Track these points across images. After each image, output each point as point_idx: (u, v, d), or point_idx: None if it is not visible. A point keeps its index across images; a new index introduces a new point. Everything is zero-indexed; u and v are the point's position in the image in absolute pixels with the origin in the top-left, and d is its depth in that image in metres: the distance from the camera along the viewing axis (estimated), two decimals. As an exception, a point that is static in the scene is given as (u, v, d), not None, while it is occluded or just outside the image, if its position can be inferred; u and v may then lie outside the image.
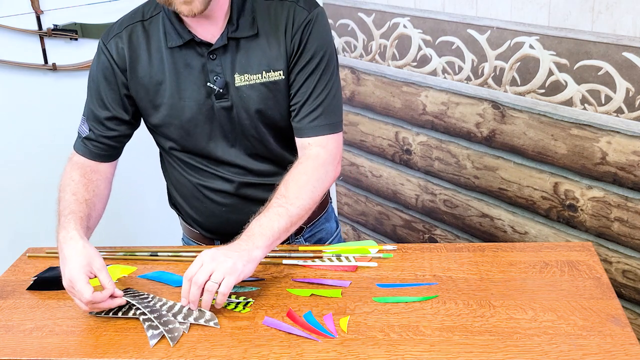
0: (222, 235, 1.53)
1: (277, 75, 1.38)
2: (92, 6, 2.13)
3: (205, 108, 1.39)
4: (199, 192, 1.51)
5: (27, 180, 2.17)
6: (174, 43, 1.37)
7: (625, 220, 1.76)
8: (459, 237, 2.26)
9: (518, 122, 1.93)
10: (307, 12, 1.38)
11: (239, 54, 1.37)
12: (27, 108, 2.13)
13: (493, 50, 1.94)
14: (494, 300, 1.23)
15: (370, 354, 1.11)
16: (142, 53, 1.40)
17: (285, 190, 1.35)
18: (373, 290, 1.29)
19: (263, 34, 1.37)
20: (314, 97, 1.40)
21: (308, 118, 1.40)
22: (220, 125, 1.41)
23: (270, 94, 1.39)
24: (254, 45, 1.37)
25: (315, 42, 1.38)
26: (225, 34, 1.36)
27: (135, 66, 1.40)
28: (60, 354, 1.17)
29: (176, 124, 1.42)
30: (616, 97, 1.68)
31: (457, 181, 2.19)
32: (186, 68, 1.38)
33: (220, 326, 1.21)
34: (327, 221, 1.62)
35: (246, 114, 1.40)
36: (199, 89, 1.38)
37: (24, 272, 1.44)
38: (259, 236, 1.28)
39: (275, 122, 1.42)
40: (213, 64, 1.37)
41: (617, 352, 1.08)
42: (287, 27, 1.37)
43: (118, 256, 1.48)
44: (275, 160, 1.47)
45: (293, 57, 1.38)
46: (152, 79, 1.40)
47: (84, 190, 1.42)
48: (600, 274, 1.29)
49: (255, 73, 1.37)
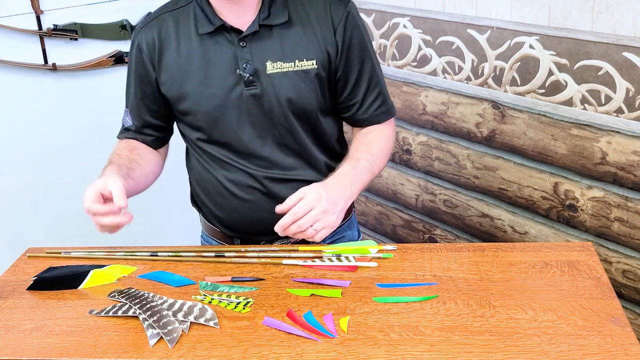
0: (243, 233, 1.53)
1: (310, 64, 1.39)
2: (92, 6, 2.13)
3: (233, 96, 1.39)
4: (222, 187, 1.50)
5: (27, 180, 2.18)
6: (205, 30, 1.38)
7: (625, 220, 1.76)
8: (459, 237, 2.26)
9: (518, 122, 1.93)
10: (344, 6, 1.41)
11: (271, 41, 1.38)
12: (27, 108, 2.13)
13: (493, 50, 1.94)
14: (494, 300, 1.23)
15: (370, 354, 1.11)
16: (171, 42, 1.41)
17: (368, 147, 1.43)
18: (373, 290, 1.29)
19: (297, 22, 1.39)
20: (372, 88, 1.46)
21: (373, 107, 1.46)
22: (249, 114, 1.41)
23: (302, 83, 1.39)
24: (288, 33, 1.38)
25: (359, 35, 1.42)
26: (257, 21, 1.37)
27: (164, 55, 1.41)
28: (60, 354, 1.17)
29: (203, 112, 1.41)
30: (616, 97, 1.68)
31: (457, 181, 2.19)
32: (216, 55, 1.38)
33: (220, 326, 1.21)
34: (349, 229, 1.61)
35: (277, 102, 1.39)
36: (228, 76, 1.38)
37: (24, 272, 1.44)
38: (355, 184, 1.36)
39: (306, 112, 1.42)
40: (243, 51, 1.37)
41: (617, 352, 1.08)
42: (325, 20, 1.39)
43: (118, 256, 1.48)
44: (302, 154, 1.47)
45: (339, 52, 1.40)
46: (180, 66, 1.40)
47: (128, 152, 1.49)
48: (600, 274, 1.29)
49: (288, 61, 1.38)
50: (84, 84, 2.19)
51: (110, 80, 2.23)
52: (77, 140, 2.23)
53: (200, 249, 1.46)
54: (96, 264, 1.45)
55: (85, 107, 2.22)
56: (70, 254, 1.50)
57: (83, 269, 1.42)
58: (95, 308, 1.29)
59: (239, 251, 1.44)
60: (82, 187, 2.26)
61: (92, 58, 2.17)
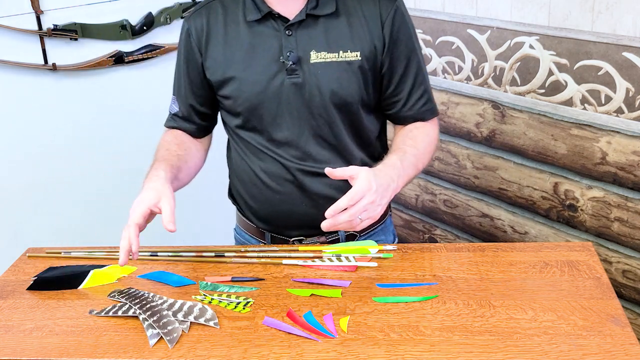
0: (274, 226, 1.53)
1: (354, 56, 1.39)
2: (92, 6, 2.13)
3: (275, 83, 1.40)
4: (256, 178, 1.50)
5: (27, 180, 2.17)
6: (252, 17, 1.40)
7: (625, 220, 1.76)
8: (459, 237, 2.26)
9: (518, 122, 1.93)
10: (393, 1, 1.41)
11: (317, 31, 1.39)
12: (27, 108, 2.13)
13: (493, 50, 1.94)
14: (494, 300, 1.23)
15: (370, 354, 1.11)
16: (219, 29, 1.43)
17: (414, 142, 1.42)
18: (373, 290, 1.29)
19: (344, 14, 1.39)
20: (418, 84, 1.46)
21: (418, 104, 1.46)
22: (288, 103, 1.41)
23: (344, 74, 1.39)
24: (334, 24, 1.39)
25: (407, 31, 1.43)
26: (304, 10, 1.38)
27: (211, 41, 1.43)
28: (60, 354, 1.17)
29: (244, 97, 1.42)
30: (616, 97, 1.68)
31: (457, 181, 2.19)
32: (261, 42, 1.40)
33: (220, 326, 1.21)
34: (383, 234, 1.59)
35: (318, 91, 1.40)
36: (271, 63, 1.39)
37: (24, 272, 1.44)
38: (402, 180, 1.35)
39: (346, 104, 1.42)
40: (288, 40, 1.38)
41: (617, 352, 1.08)
42: (374, 14, 1.39)
43: (118, 256, 1.47)
44: (338, 148, 1.46)
45: (386, 47, 1.41)
46: (226, 52, 1.42)
47: (177, 147, 1.50)
48: (600, 274, 1.29)
49: (334, 51, 1.38)
50: (84, 84, 2.19)
51: (110, 80, 2.23)
52: (77, 140, 2.23)
53: (200, 249, 1.46)
54: (96, 264, 1.45)
55: (85, 107, 2.22)
56: (70, 254, 1.50)
57: (83, 269, 1.42)
58: (95, 308, 1.29)
59: (238, 251, 1.44)
60: (82, 187, 2.27)
61: (92, 58, 2.17)
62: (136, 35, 2.21)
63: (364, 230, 1.51)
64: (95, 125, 2.25)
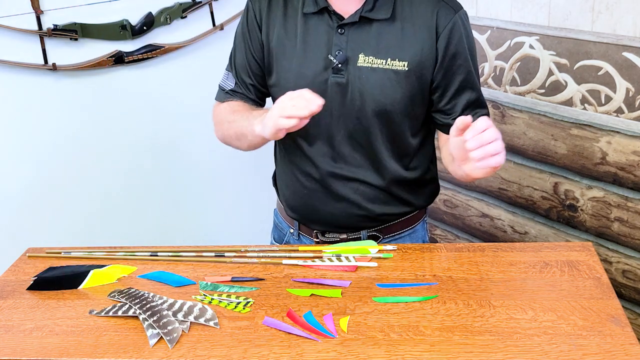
0: (300, 216, 1.53)
1: (402, 65, 1.36)
2: (92, 6, 2.13)
3: (319, 79, 1.39)
4: (288, 168, 1.51)
5: (27, 180, 2.17)
6: (309, 9, 1.39)
7: (625, 220, 1.76)
8: (459, 237, 2.26)
9: (518, 122, 1.93)
10: (453, 13, 1.36)
11: (369, 35, 1.37)
12: (27, 108, 2.13)
13: (493, 50, 1.94)
14: (494, 300, 1.23)
15: (370, 354, 1.11)
16: (279, 15, 1.43)
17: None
18: (373, 290, 1.29)
19: (399, 21, 1.36)
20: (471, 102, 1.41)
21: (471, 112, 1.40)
22: (330, 100, 1.39)
23: (389, 83, 1.37)
24: (387, 30, 1.36)
25: (464, 45, 1.38)
26: (359, 11, 1.36)
27: (270, 24, 1.43)
28: (60, 354, 1.17)
29: (288, 88, 1.39)
30: (616, 97, 1.68)
31: (457, 181, 2.19)
32: (314, 36, 1.39)
33: (220, 326, 1.21)
34: (411, 239, 1.57)
35: (359, 95, 1.38)
36: (320, 59, 1.39)
37: (24, 272, 1.44)
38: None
39: (386, 112, 1.39)
40: (340, 38, 1.37)
41: (617, 352, 1.08)
42: (430, 25, 1.36)
43: (118, 256, 1.48)
44: (370, 155, 1.44)
45: (439, 61, 1.37)
46: (280, 39, 1.42)
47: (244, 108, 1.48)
48: (600, 274, 1.29)
49: (382, 58, 1.36)
50: (84, 84, 2.19)
51: (110, 80, 2.23)
52: (77, 140, 2.23)
53: (200, 249, 1.46)
54: (96, 264, 1.44)
55: (85, 107, 2.22)
56: (70, 254, 1.50)
57: (83, 269, 1.42)
58: (95, 308, 1.29)
59: (238, 251, 1.44)
60: (82, 187, 2.27)
61: (92, 58, 2.16)
62: (136, 35, 2.21)
63: (388, 230, 1.51)
64: (95, 125, 2.25)
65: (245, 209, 2.50)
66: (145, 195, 2.39)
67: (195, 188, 2.44)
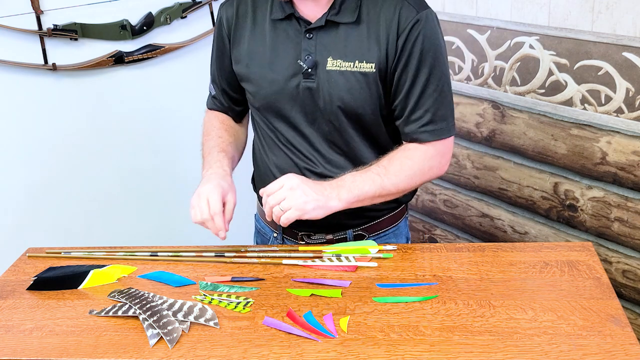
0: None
1: (369, 67, 1.36)
2: (92, 6, 2.13)
3: (291, 85, 1.40)
4: (269, 171, 1.51)
5: (27, 180, 2.17)
6: (277, 15, 1.40)
7: (625, 220, 1.76)
8: (459, 237, 2.26)
9: (518, 122, 1.93)
10: (415, 12, 1.34)
11: (336, 38, 1.37)
12: (27, 108, 2.13)
13: (493, 50, 1.94)
14: (494, 300, 1.23)
15: (370, 354, 1.11)
16: (247, 21, 1.44)
17: (387, 163, 1.38)
18: (373, 290, 1.29)
19: (364, 23, 1.36)
20: (421, 104, 1.38)
21: (416, 124, 1.39)
22: (303, 105, 1.41)
23: (357, 85, 1.37)
24: (353, 33, 1.37)
25: (423, 46, 1.34)
26: (325, 16, 1.36)
27: (239, 33, 1.45)
28: (60, 354, 1.17)
29: (262, 95, 1.44)
30: (616, 97, 1.68)
31: (457, 181, 2.19)
32: (283, 42, 1.40)
33: (220, 326, 1.21)
34: (395, 237, 1.57)
35: (330, 98, 1.39)
36: (290, 64, 1.39)
37: (24, 272, 1.44)
38: (346, 190, 1.33)
39: (358, 115, 1.40)
40: (307, 43, 1.38)
41: (617, 352, 1.08)
42: (392, 24, 1.35)
43: (118, 256, 1.48)
44: (349, 154, 1.45)
45: (397, 58, 1.36)
46: (250, 46, 1.43)
47: (227, 134, 1.54)
48: (600, 274, 1.29)
49: (349, 61, 1.37)
50: (84, 84, 2.19)
51: (110, 80, 2.23)
52: (77, 140, 2.23)
53: (200, 249, 1.46)
54: (96, 264, 1.44)
55: (85, 107, 2.22)
56: (70, 254, 1.50)
57: (83, 269, 1.42)
58: (95, 308, 1.29)
59: (238, 251, 1.44)
60: (82, 187, 2.27)
61: (92, 58, 2.16)
62: (136, 35, 2.21)
63: (374, 228, 1.51)
64: (95, 125, 2.25)
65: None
66: (145, 195, 2.39)
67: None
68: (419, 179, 1.41)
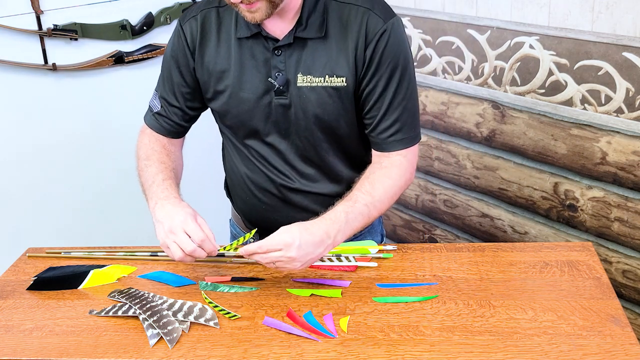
0: (263, 229, 1.51)
1: (340, 81, 1.35)
2: (92, 6, 2.13)
3: (263, 102, 1.39)
4: (244, 184, 1.51)
5: (27, 180, 2.17)
6: (243, 34, 1.38)
7: (625, 220, 1.76)
8: (459, 237, 2.26)
9: (518, 122, 1.93)
10: (382, 22, 1.33)
11: (304, 54, 1.36)
12: (27, 108, 2.13)
13: (493, 50, 1.94)
14: (494, 300, 1.23)
15: (370, 354, 1.11)
16: (212, 38, 1.41)
17: (371, 188, 1.36)
18: (373, 290, 1.29)
19: (332, 37, 1.35)
20: (390, 113, 1.37)
21: (385, 134, 1.38)
22: (276, 122, 1.40)
23: (330, 100, 1.36)
24: (321, 48, 1.35)
25: (390, 55, 1.34)
26: (292, 32, 1.35)
27: (203, 50, 1.42)
28: (60, 354, 1.17)
29: (233, 114, 1.42)
30: (616, 97, 1.68)
31: (457, 181, 2.19)
32: (251, 60, 1.38)
33: (220, 326, 1.21)
34: (370, 235, 1.57)
35: (303, 114, 1.38)
36: (260, 82, 1.38)
37: (24, 272, 1.45)
38: (342, 234, 1.29)
39: (332, 129, 1.40)
40: (277, 60, 1.36)
41: (617, 352, 1.08)
42: (360, 35, 1.33)
43: (118, 256, 1.48)
44: (324, 169, 1.45)
45: (365, 68, 1.35)
46: (217, 65, 1.41)
47: (168, 159, 1.48)
48: (600, 274, 1.29)
49: (319, 76, 1.36)
50: (84, 84, 2.19)
51: (110, 80, 2.23)
52: (77, 140, 2.23)
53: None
54: (96, 264, 1.45)
55: (85, 107, 2.22)
56: (70, 254, 1.50)
57: (83, 269, 1.42)
58: (95, 308, 1.29)
59: (239, 251, 1.44)
60: (82, 187, 2.27)
61: (92, 58, 2.16)
62: (136, 35, 2.21)
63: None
64: (95, 125, 2.25)
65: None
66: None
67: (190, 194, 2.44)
68: (397, 196, 1.41)
